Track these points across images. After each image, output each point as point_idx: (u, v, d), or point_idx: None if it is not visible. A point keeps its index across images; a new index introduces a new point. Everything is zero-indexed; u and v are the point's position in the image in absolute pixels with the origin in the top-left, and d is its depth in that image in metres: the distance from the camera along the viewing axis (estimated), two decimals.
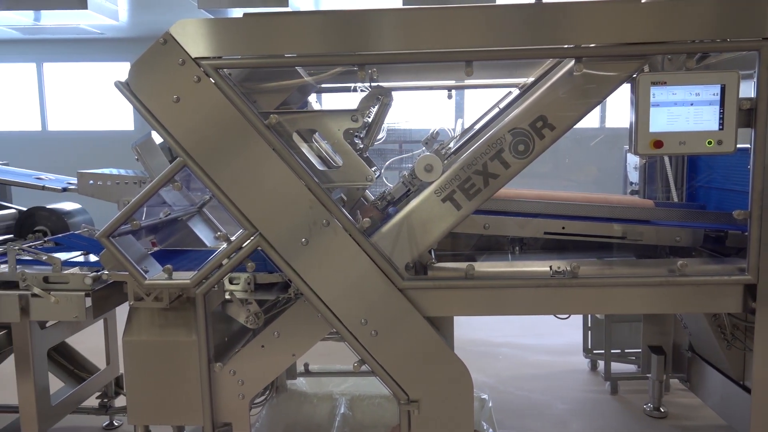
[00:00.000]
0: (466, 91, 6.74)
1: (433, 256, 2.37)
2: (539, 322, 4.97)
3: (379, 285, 2.15)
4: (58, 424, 2.87)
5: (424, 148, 2.62)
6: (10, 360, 2.73)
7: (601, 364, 4.02)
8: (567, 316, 2.36)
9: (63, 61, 9.13)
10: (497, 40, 2.03)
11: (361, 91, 2.30)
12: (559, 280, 2.17)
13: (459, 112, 7.32)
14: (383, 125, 2.53)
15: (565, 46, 2.04)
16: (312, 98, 2.99)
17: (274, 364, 2.31)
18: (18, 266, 2.46)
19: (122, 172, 3.39)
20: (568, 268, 2.17)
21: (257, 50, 2.08)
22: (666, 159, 3.19)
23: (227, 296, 2.33)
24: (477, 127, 2.74)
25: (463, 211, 2.15)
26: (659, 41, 2.00)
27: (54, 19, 7.10)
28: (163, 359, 2.32)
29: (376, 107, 2.37)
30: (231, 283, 2.35)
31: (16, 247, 2.51)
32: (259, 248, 2.16)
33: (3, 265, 2.48)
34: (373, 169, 2.30)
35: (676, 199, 3.17)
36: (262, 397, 3.02)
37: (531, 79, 2.64)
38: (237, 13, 5.97)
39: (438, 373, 2.20)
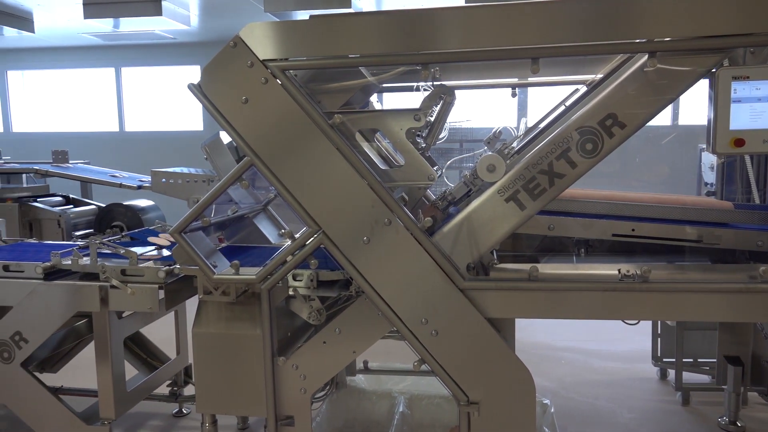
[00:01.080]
0: (530, 88, 6.60)
1: (495, 256, 2.33)
2: (605, 327, 4.80)
3: (440, 285, 2.14)
4: (132, 409, 3.03)
5: (485, 147, 2.59)
6: (90, 347, 2.90)
7: (671, 373, 3.83)
8: (636, 321, 2.27)
9: (139, 65, 9.63)
10: (565, 36, 1.97)
11: (424, 90, 2.30)
12: (628, 284, 2.09)
13: (522, 110, 7.18)
14: (445, 124, 2.52)
15: (638, 40, 1.95)
16: (373, 97, 3.01)
17: (335, 360, 2.35)
18: (98, 259, 2.62)
19: (192, 170, 3.54)
20: (638, 272, 2.08)
21: (322, 51, 2.12)
22: (747, 158, 3.01)
23: (291, 292, 2.38)
24: (542, 125, 2.69)
25: (527, 212, 2.11)
26: (741, 33, 1.88)
27: (131, 25, 7.49)
28: (230, 351, 2.40)
29: (439, 106, 2.36)
30: (294, 279, 2.40)
31: (98, 241, 2.67)
32: (322, 246, 2.20)
33: (85, 258, 2.64)
34: (434, 168, 2.29)
35: (757, 201, 2.99)
36: (323, 392, 3.07)
37: (599, 76, 2.55)
38: (301, 15, 6.10)
39: (499, 376, 2.17)
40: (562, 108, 2.64)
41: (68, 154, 6.71)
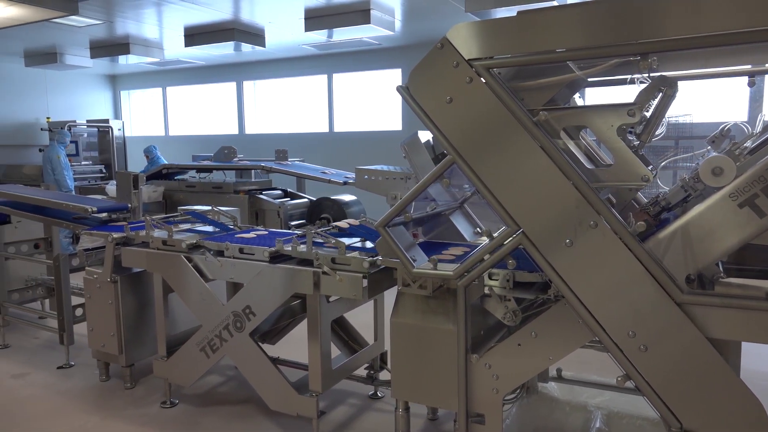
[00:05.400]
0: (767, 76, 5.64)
1: (721, 269, 2.05)
2: None
3: (652, 296, 1.95)
4: (335, 386, 3.30)
5: (709, 147, 2.29)
6: (300, 326, 3.23)
7: None
8: None
9: (347, 71, 10.46)
10: None
11: (640, 83, 2.11)
12: None
13: (756, 102, 6.17)
14: (663, 120, 2.29)
15: None
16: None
17: (529, 364, 2.29)
18: (313, 247, 2.90)
19: (391, 168, 3.73)
20: None
21: (528, 48, 2.07)
22: None
23: (486, 291, 2.38)
24: None
25: (767, 219, 1.81)
26: None
27: (343, 35, 8.16)
28: (424, 343, 2.48)
29: (657, 100, 2.14)
30: (490, 278, 2.39)
31: (313, 231, 2.97)
32: (521, 246, 2.15)
33: (302, 246, 2.95)
34: (649, 168, 2.10)
35: None
36: (513, 395, 3.01)
37: None
38: (501, 12, 6.03)
39: (721, 404, 1.91)
40: None
41: (287, 153, 7.60)
